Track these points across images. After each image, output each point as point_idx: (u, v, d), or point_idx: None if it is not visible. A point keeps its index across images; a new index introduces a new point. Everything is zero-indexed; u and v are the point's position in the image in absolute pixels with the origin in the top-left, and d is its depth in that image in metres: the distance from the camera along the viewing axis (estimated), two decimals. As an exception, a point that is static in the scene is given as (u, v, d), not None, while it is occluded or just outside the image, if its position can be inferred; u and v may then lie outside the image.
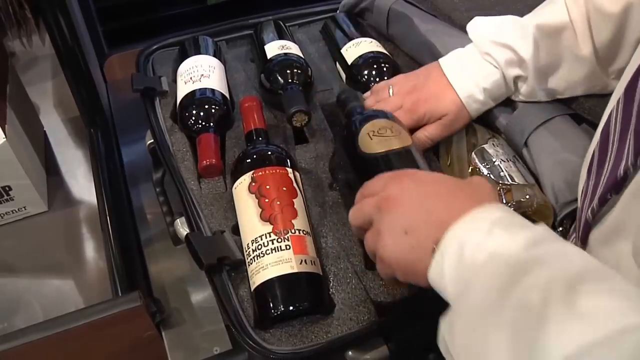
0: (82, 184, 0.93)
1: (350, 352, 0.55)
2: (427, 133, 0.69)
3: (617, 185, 0.41)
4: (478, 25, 0.69)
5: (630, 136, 0.41)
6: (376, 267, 0.50)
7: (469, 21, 0.70)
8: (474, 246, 0.40)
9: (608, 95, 0.62)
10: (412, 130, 0.69)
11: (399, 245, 0.45)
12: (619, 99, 0.44)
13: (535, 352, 0.32)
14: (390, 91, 0.71)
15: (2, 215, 0.85)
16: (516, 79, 0.66)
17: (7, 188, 0.82)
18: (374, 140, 0.61)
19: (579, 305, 0.33)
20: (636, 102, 0.41)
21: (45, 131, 1.01)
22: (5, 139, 0.78)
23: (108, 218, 0.82)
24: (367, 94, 0.75)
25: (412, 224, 0.45)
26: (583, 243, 0.47)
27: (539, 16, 0.65)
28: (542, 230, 0.40)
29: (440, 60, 0.71)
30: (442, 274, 0.42)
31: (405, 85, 0.71)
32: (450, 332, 0.40)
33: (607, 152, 0.44)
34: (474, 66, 0.67)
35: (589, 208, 0.45)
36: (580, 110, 0.68)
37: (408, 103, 0.69)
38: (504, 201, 0.61)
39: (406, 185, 0.47)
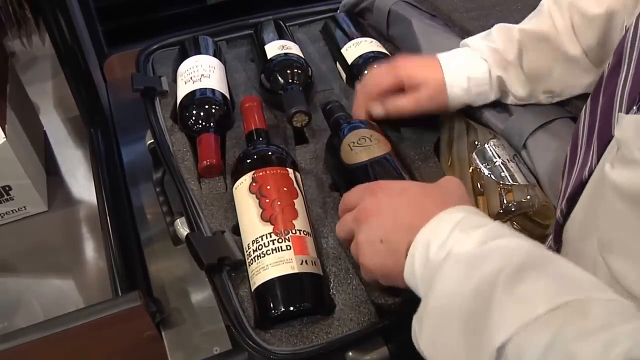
0: (82, 183, 0.93)
1: (350, 353, 0.55)
2: (398, 104, 0.69)
3: (583, 186, 0.43)
4: (470, 39, 0.71)
5: (594, 139, 0.43)
6: (361, 272, 0.54)
7: (468, 22, 0.71)
8: (437, 247, 0.44)
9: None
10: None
11: (377, 253, 0.49)
12: (586, 105, 0.46)
13: (482, 340, 0.36)
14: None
15: (2, 215, 0.85)
16: (504, 80, 0.67)
17: (7, 188, 0.82)
18: (353, 150, 0.64)
19: (518, 290, 0.36)
20: (599, 106, 0.43)
21: (45, 131, 1.01)
22: (5, 139, 0.78)
23: (108, 218, 0.82)
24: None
25: (387, 232, 0.48)
26: (557, 243, 0.49)
27: (525, 24, 0.67)
28: (494, 226, 0.44)
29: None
30: (414, 275, 0.45)
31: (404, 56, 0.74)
32: (419, 329, 0.43)
33: (576, 155, 0.46)
34: (464, 57, 0.69)
35: (559, 209, 0.47)
36: (577, 113, 0.68)
37: (394, 63, 0.70)
38: (505, 201, 0.61)
39: (379, 197, 0.51)
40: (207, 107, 0.73)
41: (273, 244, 0.56)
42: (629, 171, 0.35)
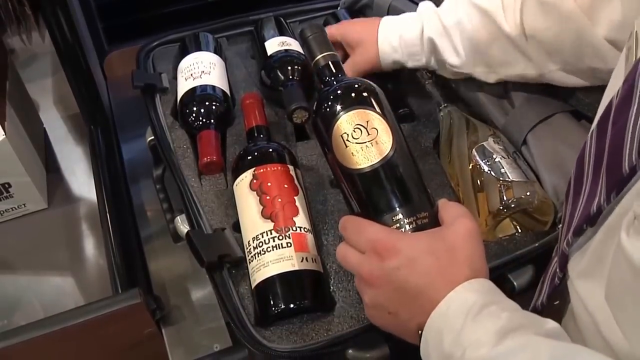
0: (82, 181, 0.93)
1: (350, 351, 0.55)
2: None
3: (592, 219, 0.43)
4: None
5: (603, 172, 0.42)
6: None
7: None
8: (451, 341, 0.42)
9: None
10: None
11: (384, 320, 0.49)
12: (592, 131, 0.45)
13: None
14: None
15: (1, 212, 0.85)
16: (436, 44, 0.68)
17: (6, 185, 0.82)
18: (349, 148, 0.52)
19: None
20: (608, 137, 0.42)
21: (45, 128, 1.01)
22: (4, 136, 0.78)
23: (108, 215, 0.82)
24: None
25: (395, 308, 0.47)
26: (562, 270, 0.48)
27: None
28: (510, 317, 0.42)
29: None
30: (429, 356, 0.45)
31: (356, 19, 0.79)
32: None
33: (582, 183, 0.45)
34: (404, 18, 0.71)
35: (565, 239, 0.46)
36: (579, 107, 0.68)
37: (340, 23, 0.77)
38: (505, 198, 0.61)
39: (387, 264, 0.46)
40: (207, 103, 0.72)
41: (273, 241, 0.56)
42: None
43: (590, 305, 0.43)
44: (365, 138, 0.52)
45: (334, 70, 0.58)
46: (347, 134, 0.52)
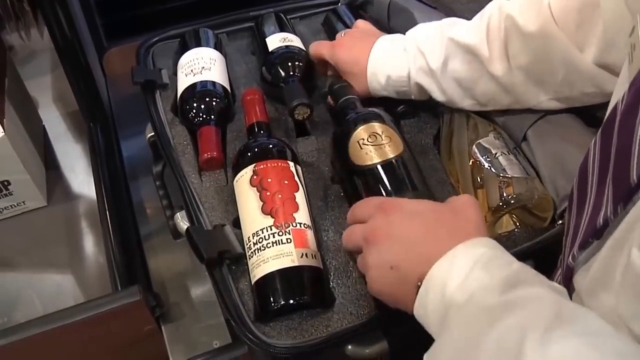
0: (81, 178, 0.93)
1: (350, 347, 0.55)
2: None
3: (598, 233, 0.41)
4: (420, 26, 0.71)
5: (608, 182, 0.41)
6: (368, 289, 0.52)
7: (470, 13, 0.70)
8: (456, 287, 0.42)
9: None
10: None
11: (386, 279, 0.47)
12: (596, 139, 0.44)
13: None
14: (342, 33, 0.79)
15: (1, 210, 0.85)
16: (423, 86, 0.68)
17: (6, 183, 0.82)
18: (363, 149, 0.61)
19: (549, 351, 0.34)
20: (613, 145, 0.41)
21: (44, 125, 1.01)
22: (4, 134, 0.77)
23: (107, 213, 0.82)
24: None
25: (397, 259, 0.46)
26: (566, 285, 0.47)
27: (458, 31, 0.65)
28: (519, 269, 0.42)
29: (385, 35, 0.74)
30: (426, 311, 0.44)
31: (353, 34, 0.77)
32: None
33: (587, 194, 0.44)
34: (393, 53, 0.70)
35: (570, 253, 0.45)
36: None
37: (335, 44, 0.75)
38: (504, 194, 0.61)
39: (391, 218, 0.48)
40: (207, 99, 0.72)
41: (273, 237, 0.56)
42: None
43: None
44: (380, 141, 0.61)
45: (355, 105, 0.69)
46: (364, 139, 0.62)
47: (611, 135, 0.41)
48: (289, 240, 0.56)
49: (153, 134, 0.74)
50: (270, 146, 0.65)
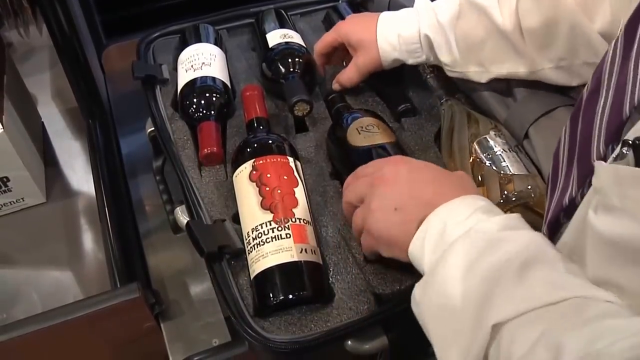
0: (80, 175, 0.93)
1: (349, 342, 0.54)
2: (344, 77, 0.75)
3: (566, 213, 0.43)
4: None
5: (575, 164, 0.43)
6: (361, 240, 0.54)
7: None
8: (455, 224, 0.44)
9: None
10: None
11: (388, 221, 0.49)
12: (566, 124, 0.46)
13: (482, 316, 0.38)
14: None
15: (0, 206, 0.85)
16: (431, 41, 0.68)
17: (5, 179, 0.82)
18: (362, 134, 0.65)
19: (525, 279, 0.38)
20: (579, 129, 0.43)
21: (43, 122, 1.01)
22: (3, 130, 0.77)
23: (107, 210, 0.82)
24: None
25: (402, 201, 0.48)
26: None
27: None
28: (517, 217, 0.45)
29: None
30: (422, 247, 0.45)
31: (353, 16, 0.78)
32: (422, 296, 0.44)
33: (557, 177, 0.46)
34: (401, 15, 0.70)
35: (541, 232, 0.46)
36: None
37: (338, 24, 0.76)
38: (505, 191, 0.60)
39: (400, 167, 0.51)
40: (207, 95, 0.72)
41: (273, 232, 0.56)
42: (610, 218, 0.35)
43: None
44: (376, 130, 0.66)
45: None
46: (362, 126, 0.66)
47: (577, 122, 0.44)
48: (288, 236, 0.56)
49: (153, 129, 0.74)
50: (270, 142, 0.65)
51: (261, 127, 0.69)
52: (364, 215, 0.52)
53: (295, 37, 0.80)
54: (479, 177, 0.64)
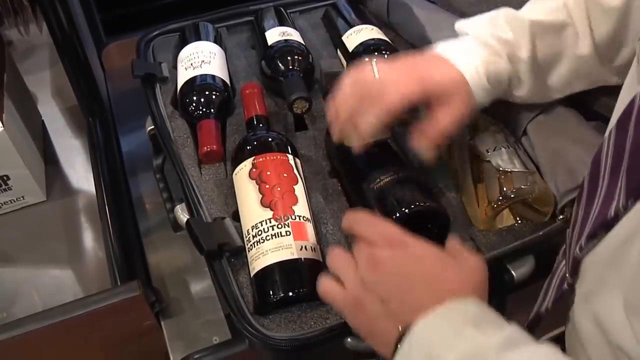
0: (80, 173, 0.93)
1: (349, 339, 0.55)
2: (438, 127, 0.57)
3: (608, 225, 0.40)
4: (470, 22, 0.62)
5: (622, 175, 0.40)
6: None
7: (468, 7, 0.69)
8: (446, 347, 0.40)
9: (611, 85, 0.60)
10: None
11: (371, 308, 0.45)
12: (611, 130, 0.43)
13: None
14: (375, 69, 0.57)
15: (0, 205, 0.85)
16: (512, 76, 0.60)
17: (5, 177, 0.82)
18: None
19: None
20: (629, 137, 0.40)
21: (43, 120, 1.01)
22: (3, 129, 0.77)
23: (107, 208, 0.82)
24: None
25: (390, 296, 0.44)
26: (572, 276, 0.46)
27: (536, 12, 0.59)
28: (513, 330, 0.40)
29: (436, 46, 0.61)
30: (410, 354, 0.41)
31: (401, 62, 0.59)
32: None
33: (598, 186, 0.43)
34: (476, 51, 0.59)
35: (577, 245, 0.44)
36: (580, 98, 0.67)
37: (407, 71, 0.57)
38: (504, 188, 0.60)
39: (396, 253, 0.46)
40: (207, 93, 0.72)
41: (273, 229, 0.56)
42: None
43: (602, 314, 0.41)
44: None
45: None
46: None
47: (627, 130, 0.40)
48: (288, 233, 0.56)
49: (153, 127, 0.74)
50: (270, 139, 0.65)
51: (261, 125, 0.69)
52: (355, 284, 0.47)
53: (294, 35, 0.80)
54: (479, 173, 0.64)
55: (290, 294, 0.53)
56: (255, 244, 0.56)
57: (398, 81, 0.56)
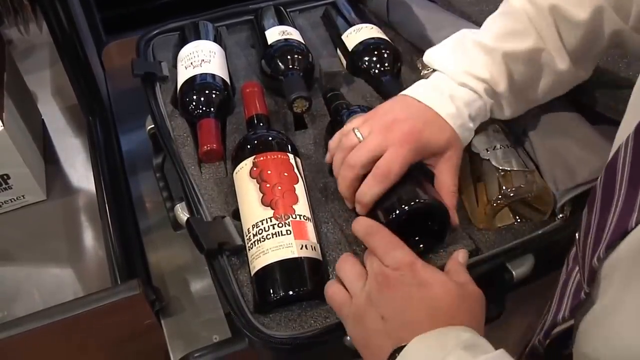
0: (80, 172, 0.93)
1: (348, 338, 0.54)
2: (452, 184, 0.60)
3: (624, 236, 0.40)
4: (440, 56, 0.62)
5: None
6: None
7: (467, 6, 0.69)
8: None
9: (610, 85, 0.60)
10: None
11: (371, 323, 0.48)
12: (629, 136, 0.41)
13: None
14: (359, 134, 0.58)
15: (0, 204, 0.85)
16: (493, 107, 0.62)
17: (5, 177, 0.82)
18: None
19: None
20: None
21: (43, 119, 1.01)
22: (3, 128, 0.77)
23: (107, 207, 0.82)
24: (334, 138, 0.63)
25: (391, 315, 0.47)
26: (589, 285, 0.45)
27: (506, 42, 0.59)
28: (501, 354, 0.42)
29: (409, 91, 0.61)
30: None
31: (381, 120, 0.59)
32: None
33: (614, 194, 0.42)
34: (457, 93, 0.60)
35: (595, 254, 0.43)
36: (580, 97, 0.67)
37: (396, 137, 0.57)
38: (504, 187, 0.60)
39: (404, 273, 0.48)
40: (207, 92, 0.72)
41: (273, 228, 0.56)
42: None
43: (617, 322, 0.40)
44: None
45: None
46: None
47: None
48: (288, 232, 0.56)
49: (153, 126, 0.74)
50: (270, 138, 0.65)
51: (261, 124, 0.69)
52: (360, 292, 0.50)
53: (294, 34, 0.80)
54: (478, 172, 0.64)
55: (291, 292, 0.54)
56: (256, 242, 0.56)
57: (397, 152, 0.56)
